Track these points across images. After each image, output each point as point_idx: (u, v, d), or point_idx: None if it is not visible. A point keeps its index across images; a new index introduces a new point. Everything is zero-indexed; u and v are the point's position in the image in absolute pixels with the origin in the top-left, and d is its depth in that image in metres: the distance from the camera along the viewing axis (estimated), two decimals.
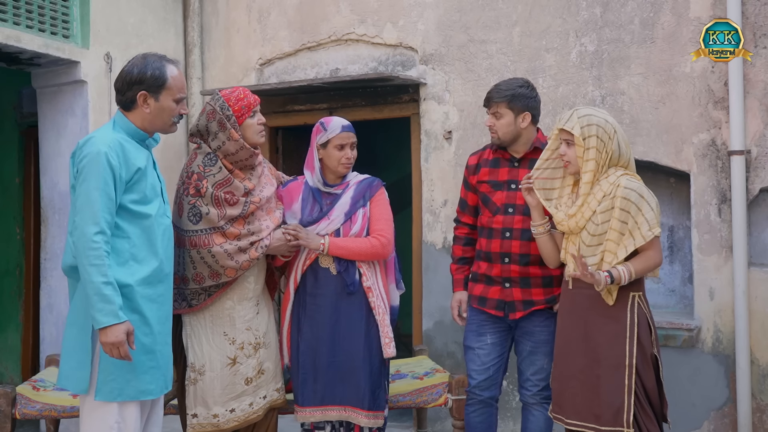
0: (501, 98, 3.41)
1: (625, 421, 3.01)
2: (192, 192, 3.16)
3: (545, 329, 3.44)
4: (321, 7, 5.32)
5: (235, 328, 3.23)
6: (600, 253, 3.06)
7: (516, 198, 3.44)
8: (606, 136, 3.07)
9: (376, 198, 3.44)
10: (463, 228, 3.69)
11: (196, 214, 3.15)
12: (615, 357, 3.04)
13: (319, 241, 3.30)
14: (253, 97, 3.28)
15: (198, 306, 3.20)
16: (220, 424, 3.20)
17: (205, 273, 3.14)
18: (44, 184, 4.99)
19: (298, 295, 3.39)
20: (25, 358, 6.18)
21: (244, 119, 3.23)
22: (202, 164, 3.19)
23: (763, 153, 4.12)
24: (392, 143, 6.84)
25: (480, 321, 3.54)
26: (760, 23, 4.13)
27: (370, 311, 3.34)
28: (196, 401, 3.21)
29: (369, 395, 3.30)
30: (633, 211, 3.01)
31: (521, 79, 3.53)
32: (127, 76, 2.86)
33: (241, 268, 3.16)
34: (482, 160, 3.59)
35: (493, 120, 3.45)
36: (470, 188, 3.62)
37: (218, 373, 3.19)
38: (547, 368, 3.47)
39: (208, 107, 3.26)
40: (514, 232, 3.42)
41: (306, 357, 3.34)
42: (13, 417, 3.50)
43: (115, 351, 2.64)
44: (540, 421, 3.51)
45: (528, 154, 3.48)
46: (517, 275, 3.42)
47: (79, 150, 2.77)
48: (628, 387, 3.02)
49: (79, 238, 2.66)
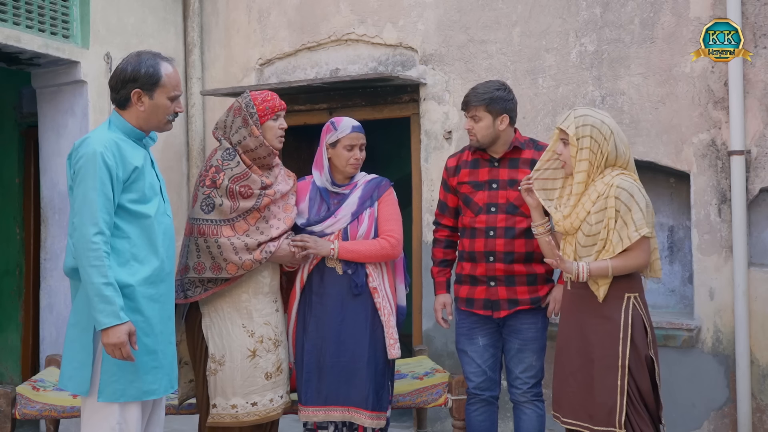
0: (479, 102, 3.45)
1: (617, 422, 3.01)
2: (208, 183, 3.23)
3: (532, 326, 3.48)
4: (321, 7, 5.32)
5: (252, 320, 3.25)
6: (595, 253, 3.07)
7: (498, 197, 3.48)
8: (601, 137, 3.08)
9: (384, 198, 3.45)
10: (443, 230, 3.72)
11: (210, 204, 3.20)
12: (608, 357, 3.05)
13: (329, 246, 3.31)
14: (280, 102, 3.34)
15: (193, 298, 3.22)
16: (239, 416, 3.20)
17: (207, 264, 3.18)
18: (44, 184, 4.99)
19: (304, 295, 3.40)
20: (25, 358, 6.19)
21: (266, 120, 3.29)
22: (221, 158, 3.26)
23: (763, 153, 4.12)
24: (392, 143, 6.84)
25: (470, 324, 3.57)
26: (760, 23, 4.13)
27: (375, 312, 3.34)
28: (216, 392, 3.22)
29: (373, 396, 3.30)
30: (622, 211, 3.02)
31: (498, 82, 3.57)
32: (121, 74, 2.84)
33: (243, 266, 3.17)
34: (461, 162, 3.62)
35: (471, 123, 3.49)
36: (450, 190, 3.65)
37: (238, 364, 3.21)
38: (536, 366, 3.50)
39: (235, 104, 3.34)
40: (498, 230, 3.45)
41: (311, 356, 3.34)
42: (13, 417, 3.50)
43: (117, 352, 2.64)
44: (532, 419, 3.52)
45: (507, 154, 3.52)
46: (502, 273, 3.45)
47: (75, 151, 2.77)
48: (621, 387, 3.02)
49: (79, 239, 2.65)
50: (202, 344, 3.27)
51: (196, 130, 5.66)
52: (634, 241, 3.00)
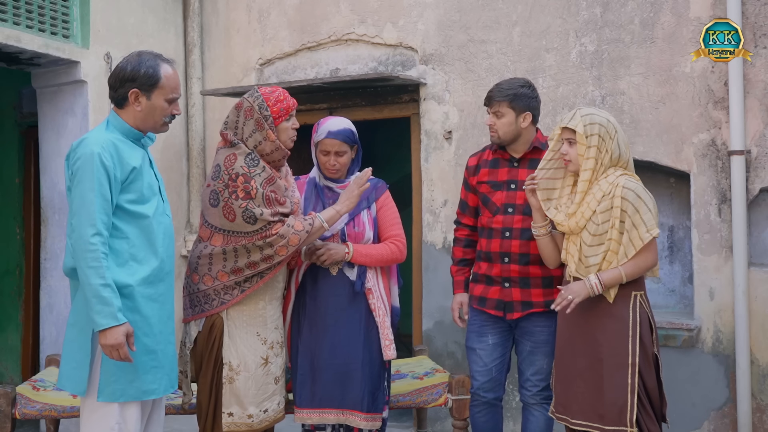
0: (503, 97, 3.41)
1: (629, 420, 3.01)
2: (242, 195, 3.04)
3: (545, 329, 3.44)
4: (321, 7, 5.32)
5: (266, 327, 3.21)
6: (602, 253, 3.07)
7: (516, 198, 3.45)
8: (607, 135, 3.09)
9: (382, 201, 3.44)
10: (463, 229, 3.70)
11: (251, 216, 3.05)
12: (618, 356, 3.05)
13: (344, 250, 3.28)
14: (292, 101, 3.21)
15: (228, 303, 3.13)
16: (254, 425, 3.18)
17: (257, 258, 3.08)
18: (44, 184, 4.99)
19: (299, 297, 3.39)
20: (25, 358, 6.19)
21: (281, 121, 3.15)
22: (246, 165, 3.07)
23: (763, 153, 4.12)
24: (392, 143, 6.84)
25: (481, 322, 3.55)
26: (760, 23, 4.13)
27: (369, 313, 3.34)
28: (232, 400, 3.17)
29: (368, 397, 3.29)
30: (630, 212, 3.02)
31: (522, 79, 3.54)
32: (120, 72, 2.83)
33: (290, 244, 3.08)
34: (482, 161, 3.59)
35: (494, 119, 3.45)
36: (470, 189, 3.62)
37: (252, 373, 3.17)
38: (546, 369, 3.48)
39: (245, 103, 3.15)
40: (514, 231, 3.43)
41: (305, 358, 3.33)
42: (13, 417, 3.50)
43: (114, 353, 2.63)
44: (540, 422, 3.52)
45: (527, 154, 3.48)
46: (516, 275, 3.43)
47: (72, 152, 2.76)
48: (631, 386, 3.02)
49: (77, 240, 2.65)
50: (212, 351, 3.21)
51: (196, 129, 5.66)
52: (646, 242, 3.02)
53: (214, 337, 3.18)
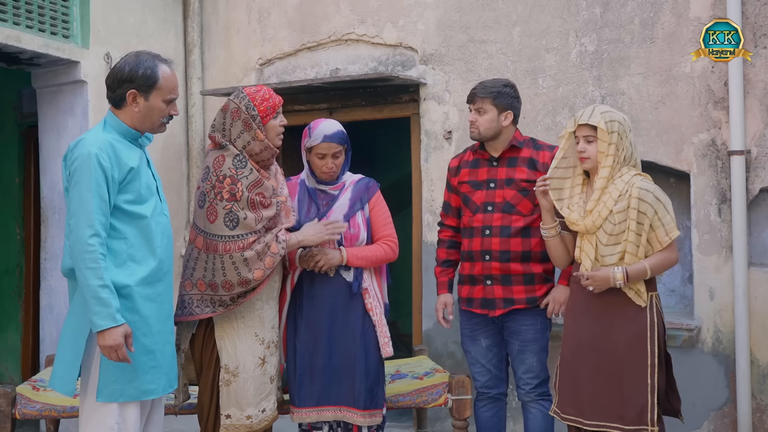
0: (487, 94, 3.48)
1: (649, 420, 3.02)
2: (227, 197, 3.04)
3: (531, 327, 3.49)
4: (321, 7, 5.32)
5: (264, 328, 3.22)
6: (619, 252, 3.07)
7: (495, 196, 3.50)
8: (624, 133, 3.12)
9: (374, 201, 3.45)
10: (446, 231, 3.74)
11: (233, 219, 3.04)
12: (638, 357, 3.06)
13: (338, 255, 3.29)
14: (278, 98, 3.20)
15: (225, 310, 3.13)
16: (253, 425, 3.18)
17: (234, 280, 3.04)
18: (44, 184, 5.00)
19: (295, 297, 3.39)
20: (25, 358, 6.19)
21: (268, 120, 3.15)
22: (233, 167, 3.08)
23: (763, 153, 4.12)
24: (392, 143, 6.84)
25: (472, 325, 3.61)
26: (760, 23, 4.12)
27: (366, 312, 3.34)
28: (230, 402, 3.17)
29: (365, 394, 3.30)
30: (649, 214, 3.04)
31: (505, 80, 3.64)
32: (118, 73, 2.82)
33: (266, 267, 3.08)
34: (462, 162, 3.66)
35: (476, 116, 3.51)
36: (452, 190, 3.67)
37: (251, 374, 3.17)
38: (537, 366, 3.51)
39: (231, 105, 3.14)
40: (494, 229, 3.47)
41: (302, 358, 3.34)
42: (13, 417, 3.50)
43: (113, 354, 2.63)
44: (538, 419, 3.54)
45: (506, 153, 3.54)
46: (498, 272, 3.46)
47: (70, 152, 2.75)
48: (651, 386, 3.04)
49: (75, 241, 2.64)
50: (212, 352, 3.21)
51: (196, 130, 5.66)
52: (665, 245, 3.06)
53: (211, 339, 3.19)
